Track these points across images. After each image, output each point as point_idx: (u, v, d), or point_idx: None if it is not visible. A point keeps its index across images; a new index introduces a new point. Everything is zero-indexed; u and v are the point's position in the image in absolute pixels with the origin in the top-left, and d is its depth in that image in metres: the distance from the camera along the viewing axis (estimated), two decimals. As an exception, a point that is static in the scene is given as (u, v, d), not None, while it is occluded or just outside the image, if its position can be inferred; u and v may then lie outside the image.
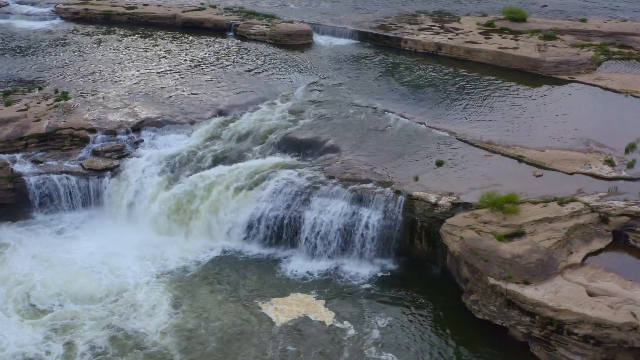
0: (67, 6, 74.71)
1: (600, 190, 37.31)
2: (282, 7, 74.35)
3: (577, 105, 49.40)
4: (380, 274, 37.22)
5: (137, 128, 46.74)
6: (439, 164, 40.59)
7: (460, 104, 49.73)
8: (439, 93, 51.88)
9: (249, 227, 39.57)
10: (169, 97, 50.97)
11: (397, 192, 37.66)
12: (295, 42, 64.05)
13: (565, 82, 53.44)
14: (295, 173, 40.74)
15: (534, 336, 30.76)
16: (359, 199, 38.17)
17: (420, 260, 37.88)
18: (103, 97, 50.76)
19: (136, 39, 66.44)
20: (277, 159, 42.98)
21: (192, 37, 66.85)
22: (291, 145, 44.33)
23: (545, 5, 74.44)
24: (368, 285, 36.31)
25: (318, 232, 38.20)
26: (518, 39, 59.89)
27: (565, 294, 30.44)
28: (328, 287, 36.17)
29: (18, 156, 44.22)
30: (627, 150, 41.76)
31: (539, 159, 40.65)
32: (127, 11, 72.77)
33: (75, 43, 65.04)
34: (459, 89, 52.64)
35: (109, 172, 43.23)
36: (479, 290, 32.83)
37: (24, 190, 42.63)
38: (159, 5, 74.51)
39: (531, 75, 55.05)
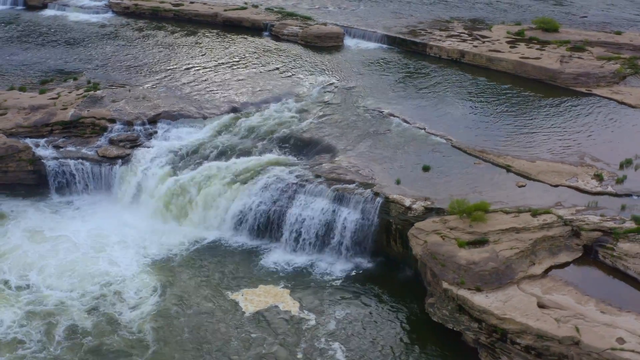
0: (118, 1, 78.11)
1: (579, 204, 36.84)
2: (321, 9, 75.47)
3: (585, 118, 48.35)
4: (353, 272, 38.07)
5: (153, 120, 49.08)
6: (426, 169, 40.95)
7: (467, 112, 49.64)
8: (448, 99, 51.90)
9: (239, 219, 41.23)
10: (190, 92, 53.22)
11: (376, 194, 38.37)
12: (325, 44, 65.16)
13: (581, 94, 52.36)
14: (286, 170, 42.05)
15: (481, 342, 31.01)
16: (340, 199, 39.09)
17: (396, 261, 38.49)
18: (129, 90, 53.50)
19: (176, 35, 69.07)
20: (274, 156, 44.36)
21: (228, 36, 69.00)
22: (290, 144, 45.63)
23: (585, 16, 72.56)
24: (339, 282, 37.22)
25: (299, 228, 39.42)
26: (544, 49, 58.89)
27: (515, 303, 30.51)
28: (300, 281, 37.28)
29: (42, 141, 47.35)
30: (621, 166, 40.86)
31: (526, 170, 40.39)
32: (174, 8, 75.74)
33: (119, 37, 68.28)
34: (470, 97, 52.47)
35: (120, 160, 45.81)
36: (437, 293, 33.27)
37: (43, 172, 45.76)
38: (204, 4, 77.03)
39: (549, 86, 54.18)
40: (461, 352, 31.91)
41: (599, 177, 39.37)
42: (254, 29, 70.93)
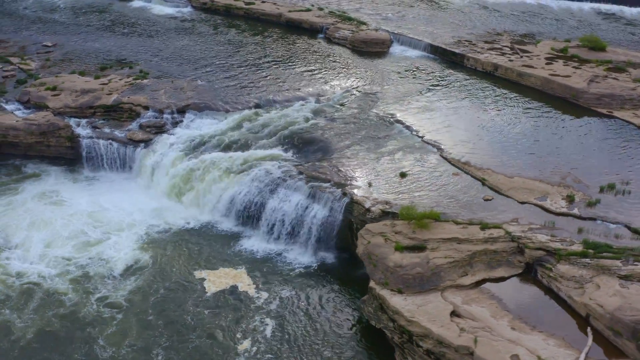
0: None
1: (537, 222, 36.58)
2: (380, 15, 76.81)
3: (591, 139, 46.96)
4: (316, 265, 39.88)
5: (182, 110, 52.98)
6: (403, 175, 41.90)
7: (475, 123, 49.56)
8: (463, 110, 51.92)
9: (229, 206, 44.22)
10: (224, 86, 56.74)
11: (344, 194, 40.06)
12: (370, 49, 66.68)
13: (600, 115, 50.63)
14: (277, 165, 44.51)
15: (395, 342, 32.13)
16: (313, 195, 41.07)
17: (358, 259, 39.86)
18: (172, 81, 57.89)
19: (239, 33, 72.88)
20: (274, 151, 46.73)
21: (286, 35, 71.98)
22: (293, 141, 47.77)
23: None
24: (301, 271, 39.18)
25: (276, 219, 41.81)
26: (579, 68, 57.13)
27: (428, 309, 31.32)
28: (266, 267, 39.54)
29: (83, 121, 52.53)
30: (601, 190, 39.80)
31: (499, 184, 40.34)
32: (245, 6, 79.91)
33: (188, 31, 73.08)
34: (486, 109, 52.16)
35: (142, 144, 50.16)
36: (368, 291, 34.60)
37: (79, 149, 51.08)
38: (274, 4, 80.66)
39: (571, 104, 52.75)
40: (386, 350, 33.08)
41: (570, 199, 38.66)
42: (312, 31, 73.57)
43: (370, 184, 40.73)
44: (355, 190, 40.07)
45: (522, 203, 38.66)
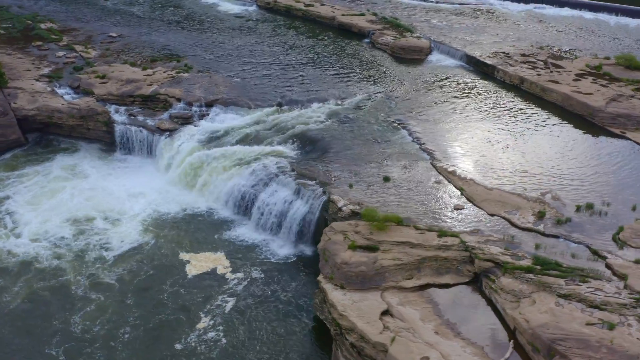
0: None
1: (496, 235, 36.81)
2: (431, 23, 76.95)
3: (589, 157, 45.95)
4: (294, 255, 41.95)
5: (210, 104, 56.16)
6: (386, 179, 42.94)
7: (480, 134, 49.70)
8: (475, 120, 52.08)
9: (229, 195, 46.90)
10: (256, 84, 59.35)
11: (324, 192, 41.73)
12: (408, 56, 67.36)
13: (611, 135, 49.29)
14: (275, 161, 46.78)
15: (332, 333, 33.63)
16: (298, 192, 43.04)
17: (332, 255, 41.54)
18: (210, 77, 61.32)
19: (292, 33, 75.10)
20: (278, 148, 48.89)
21: (336, 39, 73.48)
22: (299, 140, 49.79)
23: None
24: (278, 261, 41.51)
25: (264, 211, 44.11)
26: (607, 86, 55.38)
27: (362, 305, 32.57)
28: (248, 254, 42.02)
29: (122, 109, 56.88)
30: (578, 208, 39.25)
31: (475, 195, 40.61)
32: (303, 8, 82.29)
33: (247, 29, 75.93)
34: (497, 121, 51.98)
35: (167, 133, 53.84)
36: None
37: (114, 133, 55.42)
38: (332, 7, 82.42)
39: (586, 122, 51.53)
40: (330, 342, 34.61)
41: (540, 215, 38.44)
42: (360, 35, 74.91)
43: (351, 185, 42.15)
44: (334, 190, 41.63)
45: (491, 215, 38.88)
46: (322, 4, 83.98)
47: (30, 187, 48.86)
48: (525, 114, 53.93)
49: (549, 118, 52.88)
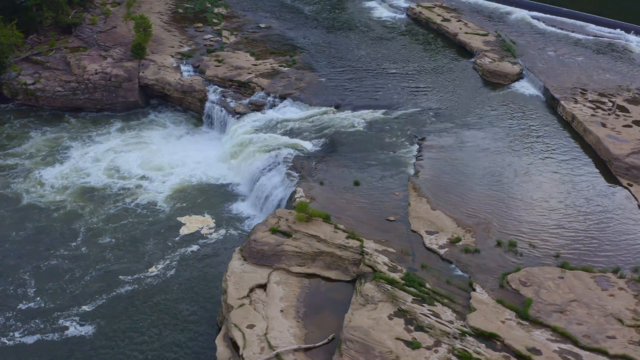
0: (414, 6, 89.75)
1: (396, 248, 39.18)
2: (543, 51, 74.15)
3: (568, 201, 44.40)
4: (266, 233, 48.32)
5: (284, 96, 63.31)
6: (356, 183, 46.71)
7: (484, 163, 49.99)
8: (491, 150, 51.94)
9: (248, 175, 54.15)
10: (334, 85, 64.53)
11: (297, 184, 47.07)
12: (493, 79, 67.15)
13: (618, 185, 46.44)
14: (288, 152, 52.85)
15: (227, 294, 39.70)
16: (282, 180, 48.93)
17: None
18: (302, 73, 68.23)
19: (415, 45, 77.20)
20: (298, 141, 54.46)
21: (446, 54, 74.73)
22: (324, 137, 54.94)
23: None
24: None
25: (259, 191, 50.77)
26: (656, 136, 51.14)
27: (246, 276, 38.16)
28: (235, 223, 49.48)
29: (219, 90, 66.80)
30: (499, 243, 39.50)
31: (414, 211, 42.77)
32: (438, 22, 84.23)
33: (381, 35, 79.48)
34: (519, 155, 51.39)
35: (238, 115, 62.43)
36: (244, 256, 42.16)
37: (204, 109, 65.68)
38: (465, 24, 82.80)
39: (602, 169, 48.77)
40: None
41: (454, 240, 39.72)
42: (470, 54, 75.56)
43: (322, 183, 46.87)
44: (304, 184, 46.77)
45: (413, 231, 41.13)
46: (459, 20, 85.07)
47: (126, 139, 61.30)
48: (555, 152, 52.11)
49: (572, 161, 50.69)
